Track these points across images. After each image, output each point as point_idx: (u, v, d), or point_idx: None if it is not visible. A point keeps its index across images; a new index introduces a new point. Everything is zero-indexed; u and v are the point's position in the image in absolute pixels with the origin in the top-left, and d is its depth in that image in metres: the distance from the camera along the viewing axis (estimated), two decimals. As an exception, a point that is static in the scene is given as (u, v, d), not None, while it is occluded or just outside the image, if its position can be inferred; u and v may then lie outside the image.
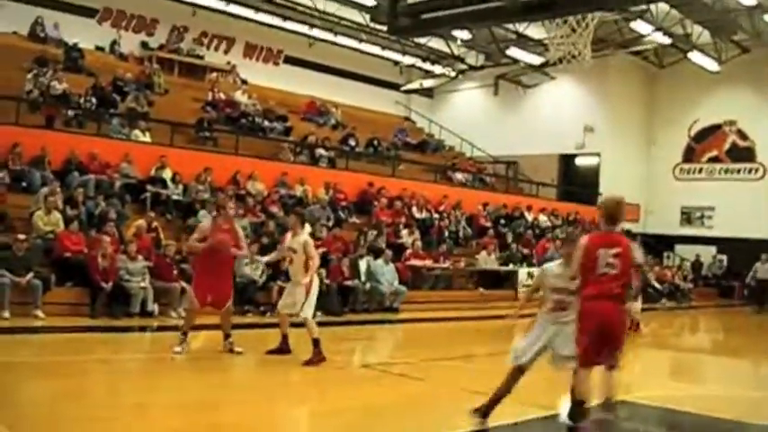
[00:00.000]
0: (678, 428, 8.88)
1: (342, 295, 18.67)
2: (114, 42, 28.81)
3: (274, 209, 21.05)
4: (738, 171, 34.94)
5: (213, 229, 11.62)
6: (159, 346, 13.18)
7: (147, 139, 22.30)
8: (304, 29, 32.70)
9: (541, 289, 7.94)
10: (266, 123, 27.18)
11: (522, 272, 24.66)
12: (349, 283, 19.11)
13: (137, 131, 22.22)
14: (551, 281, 7.75)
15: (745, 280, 31.51)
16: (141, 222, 17.68)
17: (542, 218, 30.59)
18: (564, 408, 7.92)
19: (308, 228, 11.87)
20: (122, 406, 8.27)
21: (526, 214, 30.48)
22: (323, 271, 18.48)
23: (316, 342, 11.17)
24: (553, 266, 7.92)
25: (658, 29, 30.49)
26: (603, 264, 7.04)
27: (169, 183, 20.46)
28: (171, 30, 30.36)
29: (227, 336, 11.71)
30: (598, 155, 35.68)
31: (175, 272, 16.49)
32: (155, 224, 18.18)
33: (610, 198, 7.54)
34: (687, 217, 35.84)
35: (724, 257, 34.61)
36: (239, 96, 28.12)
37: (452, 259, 23.89)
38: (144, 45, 29.75)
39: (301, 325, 11.43)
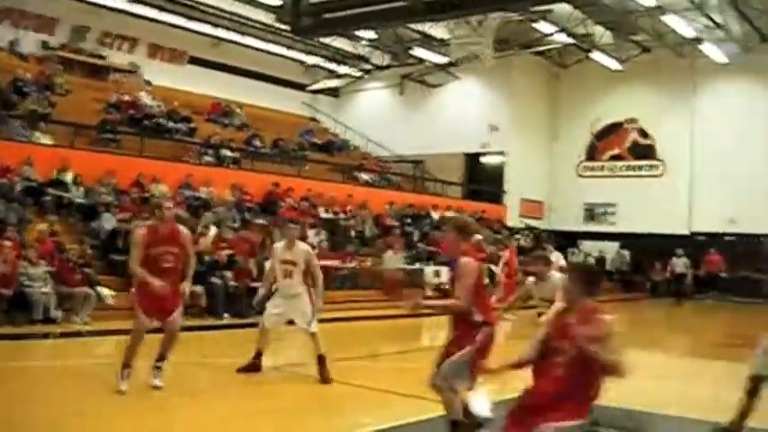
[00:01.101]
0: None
1: (249, 296, 18.73)
2: (13, 42, 28.30)
3: (179, 211, 20.99)
4: (640, 168, 35.96)
5: (149, 241, 9.42)
6: (61, 352, 13.05)
7: (49, 141, 22.03)
8: (208, 29, 32.64)
9: None
10: (170, 124, 27.05)
11: (429, 270, 24.92)
12: (257, 284, 19.19)
13: (38, 133, 21.96)
14: None
15: (650, 275, 32.73)
16: (43, 227, 17.50)
17: (449, 216, 30.97)
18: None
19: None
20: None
21: (432, 213, 30.89)
22: (229, 272, 18.62)
23: (322, 359, 10.61)
24: None
25: (561, 29, 31.26)
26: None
27: (71, 186, 20.25)
28: (72, 29, 29.97)
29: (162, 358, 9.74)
30: (503, 153, 36.29)
31: (79, 276, 16.37)
32: (56, 228, 18.01)
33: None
34: (590, 213, 36.74)
35: (627, 253, 35.53)
36: (143, 97, 27.93)
37: (359, 259, 24.13)
38: (44, 45, 29.28)
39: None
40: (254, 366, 10.85)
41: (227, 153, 26.86)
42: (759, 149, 32.72)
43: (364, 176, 32.61)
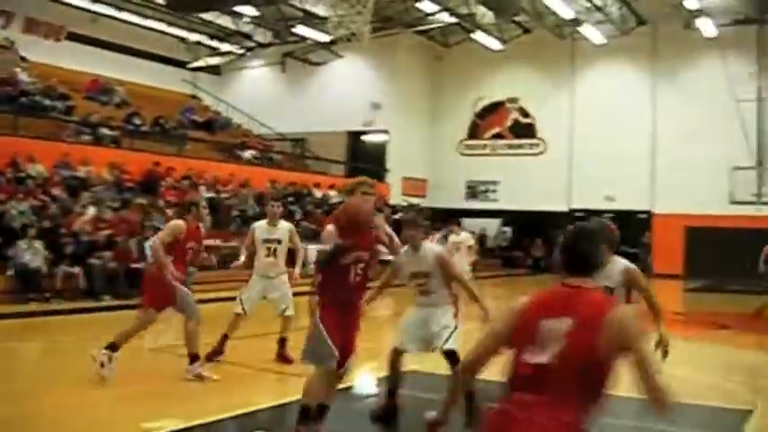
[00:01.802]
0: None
1: (129, 277, 18.55)
2: None
3: (57, 191, 20.64)
4: (520, 146, 36.80)
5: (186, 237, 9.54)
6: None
7: None
8: (86, 3, 31.92)
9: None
10: (47, 102, 26.45)
11: (312, 248, 24.95)
12: (137, 265, 19.01)
13: None
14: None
15: (530, 251, 33.62)
16: None
17: (332, 193, 31.04)
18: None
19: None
20: None
21: (314, 191, 30.98)
22: (109, 253, 18.40)
23: (284, 342, 10.76)
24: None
25: (444, 9, 31.60)
26: None
27: (-59, 165, 19.74)
28: (-60, 3, 29.04)
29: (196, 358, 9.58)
30: (386, 132, 36.57)
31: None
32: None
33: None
34: (472, 191, 37.42)
35: (509, 229, 36.33)
36: (18, 74, 27.23)
37: (241, 238, 24.07)
38: None
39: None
40: (219, 352, 10.62)
41: (106, 131, 26.40)
42: (635, 129, 33.89)
43: (246, 155, 32.44)
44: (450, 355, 7.47)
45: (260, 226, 11.01)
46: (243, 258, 11.13)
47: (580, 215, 33.36)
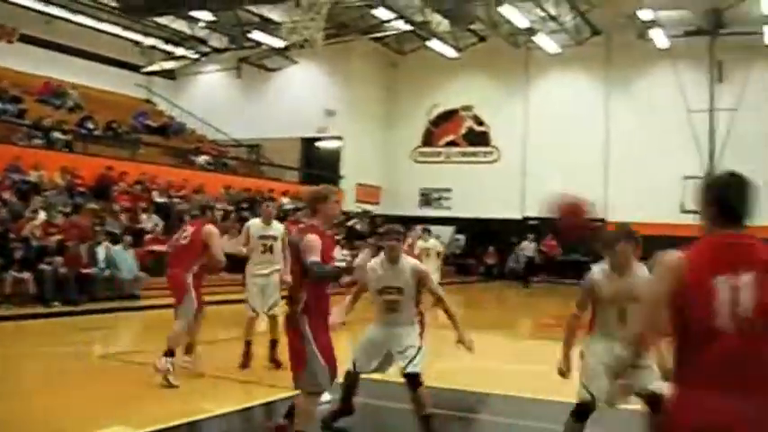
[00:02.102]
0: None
1: (80, 283, 18.38)
2: None
3: (6, 195, 20.38)
4: (474, 154, 36.96)
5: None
6: None
7: None
8: (40, 6, 31.52)
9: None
10: (-2, 105, 26.15)
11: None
12: (88, 270, 18.85)
13: None
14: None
15: (483, 259, 33.67)
16: None
17: (285, 200, 30.88)
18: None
19: None
20: None
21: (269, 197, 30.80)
22: (59, 258, 18.20)
23: (274, 344, 10.78)
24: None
25: (400, 16, 31.68)
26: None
27: None
28: None
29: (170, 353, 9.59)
30: (340, 138, 36.55)
31: None
32: None
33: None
34: (426, 198, 37.52)
35: (462, 237, 36.41)
36: (-33, 76, 26.90)
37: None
38: None
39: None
40: (248, 358, 10.70)
41: (59, 135, 26.14)
42: (588, 138, 34.21)
43: (200, 160, 32.27)
44: (413, 378, 7.21)
45: (254, 224, 11.23)
46: (245, 250, 11.21)
47: (534, 223, 33.68)
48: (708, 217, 3.53)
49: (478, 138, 37.06)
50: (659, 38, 32.17)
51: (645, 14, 30.48)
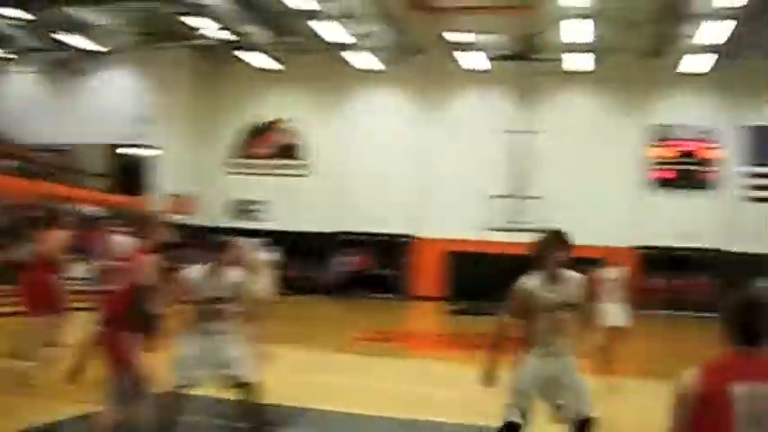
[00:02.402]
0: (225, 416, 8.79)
1: None
2: None
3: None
4: (290, 167, 36.96)
5: None
6: None
7: None
8: None
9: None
10: None
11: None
12: None
13: None
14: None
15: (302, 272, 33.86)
16: None
17: (89, 209, 29.80)
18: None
19: None
20: None
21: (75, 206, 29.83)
22: None
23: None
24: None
25: (220, 26, 31.47)
26: None
27: None
28: None
29: None
30: (152, 146, 35.79)
31: None
32: None
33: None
34: (241, 210, 37.19)
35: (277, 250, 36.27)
36: None
37: None
38: None
39: None
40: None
41: None
42: (403, 155, 35.00)
43: (6, 164, 30.94)
44: (244, 387, 7.31)
45: None
46: None
47: (347, 237, 34.12)
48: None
49: (294, 151, 37.15)
50: (475, 60, 33.24)
51: (461, 37, 31.43)
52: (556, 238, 6.49)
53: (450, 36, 31.51)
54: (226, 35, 32.72)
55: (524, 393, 6.42)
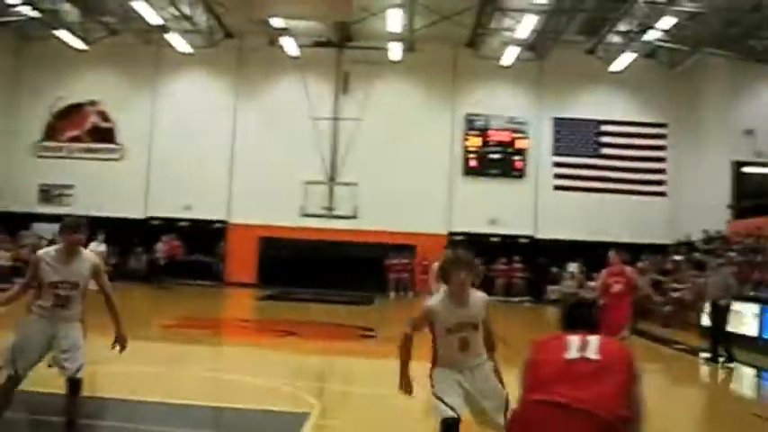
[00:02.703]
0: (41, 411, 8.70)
1: None
2: None
3: None
4: (99, 151, 35.77)
5: None
6: None
7: None
8: None
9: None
10: None
11: None
12: None
13: None
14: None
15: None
16: None
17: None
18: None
19: None
20: None
21: None
22: None
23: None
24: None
25: (26, 2, 30.18)
26: None
27: None
28: None
29: None
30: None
31: None
32: None
33: None
34: (47, 195, 35.74)
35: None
36: None
37: None
38: None
39: None
40: None
41: None
42: (216, 140, 34.56)
43: None
44: (75, 385, 7.26)
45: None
46: None
47: (156, 224, 33.34)
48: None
49: (104, 134, 35.90)
50: (289, 46, 32.97)
51: (276, 22, 31.09)
52: (459, 260, 6.60)
53: (268, 21, 31.10)
54: (36, 13, 31.39)
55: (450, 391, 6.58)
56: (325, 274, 32.97)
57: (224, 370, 13.44)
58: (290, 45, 33.03)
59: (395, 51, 33.20)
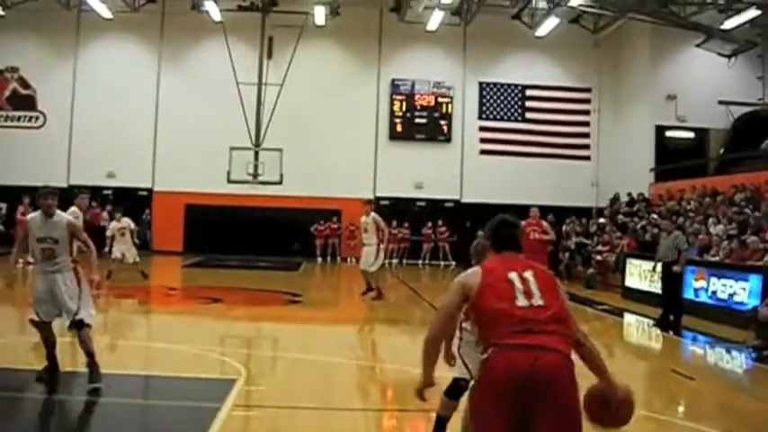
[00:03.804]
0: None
1: None
2: None
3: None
4: (19, 119, 35.05)
5: None
6: None
7: None
8: None
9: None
10: None
11: None
12: None
13: None
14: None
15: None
16: None
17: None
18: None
19: None
20: None
21: None
22: None
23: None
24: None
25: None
26: None
27: None
28: None
29: None
30: None
31: None
32: None
33: None
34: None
35: (4, 206, 34.23)
36: None
37: None
38: None
39: None
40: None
41: None
42: (139, 106, 34.28)
43: None
44: (79, 325, 8.52)
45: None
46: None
47: (84, 192, 32.64)
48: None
49: (23, 101, 35.15)
50: (213, 10, 32.58)
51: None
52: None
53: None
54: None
55: None
56: (252, 240, 32.88)
57: (151, 338, 13.51)
58: (213, 9, 32.60)
59: (319, 16, 33.09)
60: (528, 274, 4.73)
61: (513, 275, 4.72)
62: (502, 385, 4.41)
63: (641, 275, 21.61)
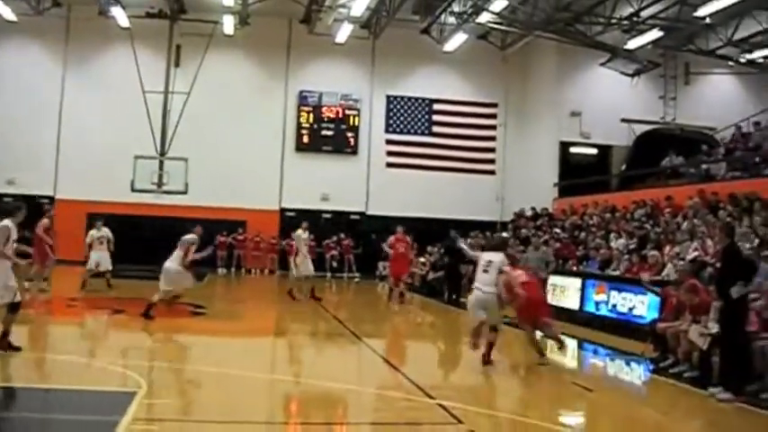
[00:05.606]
0: None
1: None
2: None
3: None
4: None
5: None
6: None
7: None
8: None
9: None
10: None
11: None
12: None
13: None
14: None
15: None
16: None
17: None
18: None
19: None
20: None
21: None
22: None
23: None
24: None
25: None
26: None
27: None
28: None
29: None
30: None
31: None
32: None
33: None
34: None
35: None
36: None
37: None
38: None
39: None
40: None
41: None
42: (42, 112, 33.97)
43: None
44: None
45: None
46: None
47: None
48: None
49: None
50: (120, 16, 32.13)
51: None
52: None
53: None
54: None
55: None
56: (156, 250, 32.19)
57: (50, 350, 13.35)
58: (120, 15, 32.15)
59: (228, 25, 33.02)
60: None
61: None
62: None
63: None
